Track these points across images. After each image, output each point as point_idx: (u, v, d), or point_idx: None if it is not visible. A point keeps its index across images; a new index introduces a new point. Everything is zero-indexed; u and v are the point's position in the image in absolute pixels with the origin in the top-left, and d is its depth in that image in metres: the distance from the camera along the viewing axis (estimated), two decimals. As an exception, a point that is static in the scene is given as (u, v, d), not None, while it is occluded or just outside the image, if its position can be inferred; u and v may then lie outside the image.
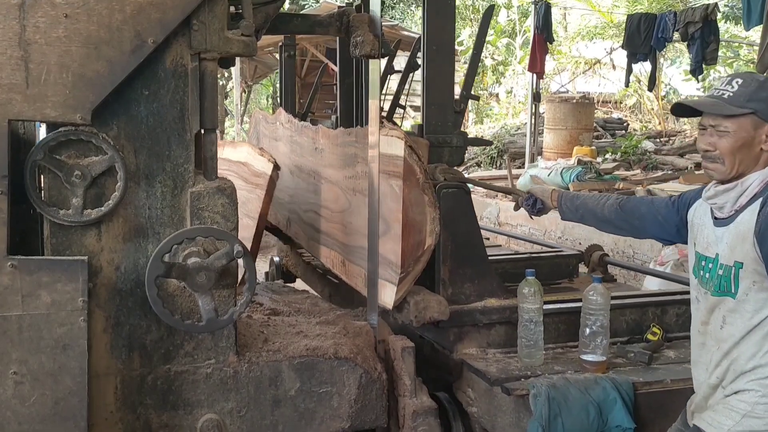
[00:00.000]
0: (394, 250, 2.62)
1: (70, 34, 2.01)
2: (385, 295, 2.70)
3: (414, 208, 2.57)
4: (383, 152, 2.68)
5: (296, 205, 4.05)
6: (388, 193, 2.67)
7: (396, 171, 2.60)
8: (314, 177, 3.70)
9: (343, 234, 3.23)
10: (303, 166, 3.92)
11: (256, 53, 2.41)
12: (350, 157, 3.13)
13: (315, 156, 3.71)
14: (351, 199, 3.11)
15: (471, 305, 2.75)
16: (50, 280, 2.02)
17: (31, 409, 2.01)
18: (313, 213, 3.73)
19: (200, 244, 2.19)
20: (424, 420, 2.46)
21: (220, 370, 2.30)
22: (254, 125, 5.41)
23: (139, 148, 2.16)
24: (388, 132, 2.69)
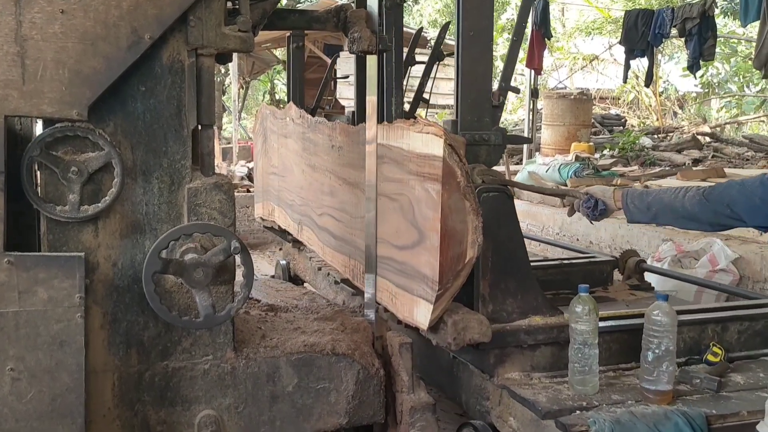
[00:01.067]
0: (429, 264, 2.35)
1: (67, 30, 2.01)
2: (419, 313, 2.46)
3: (454, 215, 2.30)
4: (416, 151, 2.43)
5: (309, 207, 3.80)
6: (422, 199, 2.39)
7: (433, 173, 2.32)
8: (331, 177, 3.43)
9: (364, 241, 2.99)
10: (317, 165, 3.65)
11: (253, 49, 2.41)
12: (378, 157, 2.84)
13: (332, 155, 3.43)
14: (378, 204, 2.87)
15: (514, 324, 2.54)
16: (47, 277, 2.01)
17: (28, 405, 2.01)
18: (329, 217, 3.47)
19: (197, 241, 2.19)
20: (421, 416, 2.46)
21: (218, 366, 2.30)
22: (260, 121, 5.07)
23: (136, 144, 2.16)
24: (422, 128, 2.40)
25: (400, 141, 2.56)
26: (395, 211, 2.62)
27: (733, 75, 17.23)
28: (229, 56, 2.67)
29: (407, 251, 2.54)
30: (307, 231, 3.89)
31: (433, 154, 2.32)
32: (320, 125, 3.65)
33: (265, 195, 4.89)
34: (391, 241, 2.66)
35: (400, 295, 2.63)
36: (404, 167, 2.53)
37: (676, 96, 18.75)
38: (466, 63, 2.67)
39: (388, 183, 2.67)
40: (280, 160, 4.44)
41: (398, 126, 2.60)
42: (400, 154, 2.57)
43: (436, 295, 2.34)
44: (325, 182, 3.52)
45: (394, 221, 2.62)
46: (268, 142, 4.76)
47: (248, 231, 8.90)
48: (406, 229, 2.52)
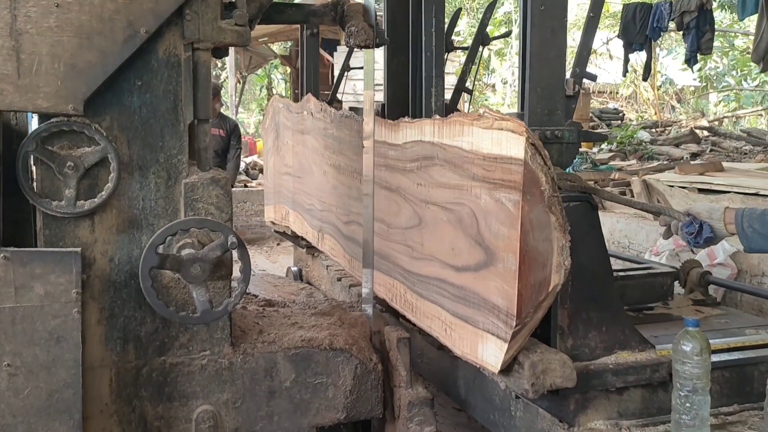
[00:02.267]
0: (503, 292, 1.98)
1: (62, 24, 2.00)
2: (486, 352, 2.09)
3: (536, 233, 1.92)
4: (482, 152, 2.06)
5: (333, 214, 3.47)
6: (492, 211, 2.02)
7: (509, 180, 1.94)
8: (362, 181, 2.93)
9: (408, 258, 2.60)
10: (343, 166, 3.30)
11: (250, 43, 2.39)
12: (421, 158, 2.48)
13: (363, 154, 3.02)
14: (422, 214, 2.47)
15: (598, 362, 2.19)
16: (43, 272, 2.01)
17: (25, 401, 2.01)
18: (359, 226, 3.01)
19: (194, 236, 2.18)
20: (419, 410, 2.46)
21: (216, 361, 2.30)
22: (271, 115, 4.68)
23: (132, 139, 2.15)
24: (492, 123, 2.01)
25: (459, 139, 2.19)
26: (450, 224, 2.25)
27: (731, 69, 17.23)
28: (225, 50, 2.65)
29: (468, 274, 2.16)
30: (329, 240, 3.56)
31: (510, 155, 1.94)
32: (348, 120, 3.23)
33: (277, 197, 4.58)
34: (445, 260, 2.28)
35: (459, 327, 2.26)
36: (464, 171, 2.17)
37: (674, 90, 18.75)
38: (536, 44, 2.27)
39: (440, 190, 2.31)
40: (296, 158, 4.13)
41: (456, 121, 2.21)
42: (458, 155, 2.20)
43: (513, 331, 1.95)
44: (353, 186, 3.14)
45: (449, 236, 2.25)
46: (280, 139, 4.43)
47: (246, 226, 8.90)
48: (467, 247, 2.15)
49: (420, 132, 2.49)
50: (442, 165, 2.31)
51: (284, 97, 22.16)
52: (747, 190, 6.04)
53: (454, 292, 2.25)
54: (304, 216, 3.99)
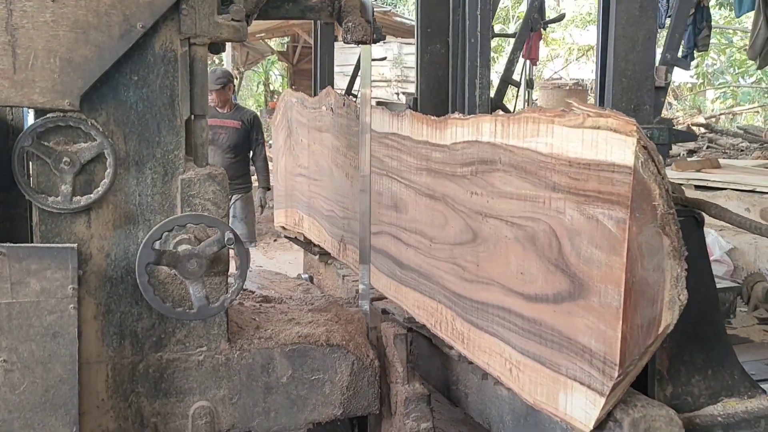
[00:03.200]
0: (600, 333, 1.64)
1: (58, 19, 1.99)
2: (572, 404, 1.76)
3: (646, 260, 1.58)
4: (568, 156, 1.71)
5: (356, 220, 3.01)
6: (583, 231, 1.68)
7: (611, 193, 1.59)
8: (397, 186, 2.69)
9: (458, 280, 2.26)
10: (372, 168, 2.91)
11: (247, 39, 2.39)
12: (477, 162, 2.12)
13: (397, 155, 2.69)
14: (477, 228, 2.12)
15: (703, 413, 1.85)
16: (39, 268, 2.00)
17: (21, 397, 2.01)
18: (391, 238, 2.76)
19: (191, 232, 2.18)
20: (416, 407, 2.47)
21: (212, 357, 2.30)
22: (283, 111, 4.24)
23: (129, 135, 2.14)
24: (584, 120, 1.65)
25: (532, 140, 1.85)
26: (518, 243, 1.93)
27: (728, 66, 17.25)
28: (222, 46, 2.65)
29: (545, 306, 1.83)
30: (353, 251, 3.15)
31: (611, 161, 1.58)
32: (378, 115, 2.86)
33: (289, 200, 4.22)
34: (510, 286, 1.97)
35: (529, 369, 1.93)
36: (539, 179, 1.82)
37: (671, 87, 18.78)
38: (620, 23, 1.97)
39: (504, 201, 1.98)
40: (312, 159, 3.75)
41: (528, 117, 1.86)
42: (530, 158, 1.86)
43: (613, 383, 1.62)
44: (384, 191, 2.81)
45: (516, 257, 1.94)
46: (293, 137, 4.05)
47: (243, 222, 8.88)
48: (543, 273, 1.83)
49: (476, 131, 2.11)
50: (506, 171, 1.96)
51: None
52: (744, 187, 6.05)
53: (524, 326, 1.92)
54: (321, 223, 3.63)
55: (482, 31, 2.65)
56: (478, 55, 2.64)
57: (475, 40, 2.64)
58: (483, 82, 2.68)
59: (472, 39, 2.65)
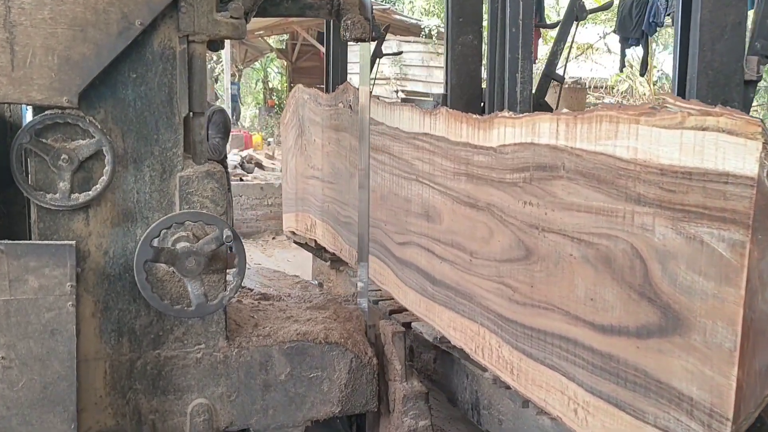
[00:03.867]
0: (705, 379, 1.40)
1: (56, 16, 1.99)
2: None
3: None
4: (660, 162, 1.47)
5: (381, 231, 2.91)
6: (681, 253, 1.44)
7: (724, 209, 1.34)
8: (429, 192, 2.47)
9: (505, 301, 2.03)
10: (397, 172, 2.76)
11: (246, 36, 2.39)
12: (533, 167, 1.88)
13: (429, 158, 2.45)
14: (532, 244, 1.90)
15: None
16: (38, 265, 2.00)
17: (19, 393, 2.01)
18: (421, 250, 2.56)
19: (189, 229, 2.18)
20: (414, 404, 2.47)
21: (210, 355, 2.30)
22: (293, 109, 3.95)
23: (127, 132, 2.14)
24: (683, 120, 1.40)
25: (609, 143, 1.60)
26: (587, 264, 1.69)
27: (727, 64, 17.24)
28: (221, 43, 2.65)
29: (624, 340, 1.58)
30: (376, 263, 2.96)
31: (725, 170, 1.32)
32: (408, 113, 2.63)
33: (300, 204, 4.00)
34: (576, 313, 1.74)
35: (602, 412, 1.69)
36: (617, 189, 1.58)
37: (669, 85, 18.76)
38: (706, 10, 1.76)
39: (569, 213, 1.74)
40: (327, 161, 3.52)
41: (604, 116, 1.60)
42: (604, 165, 1.61)
43: None
44: (414, 198, 2.59)
45: (585, 280, 1.70)
46: (305, 136, 3.79)
47: (241, 220, 8.89)
48: (623, 301, 1.58)
49: (531, 131, 1.88)
50: (572, 179, 1.72)
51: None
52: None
53: (595, 361, 1.68)
54: (338, 230, 3.38)
55: (524, 19, 2.44)
56: (519, 47, 2.42)
57: (516, 29, 2.42)
58: (525, 77, 2.51)
59: (513, 28, 2.44)
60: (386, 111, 2.82)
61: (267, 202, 9.10)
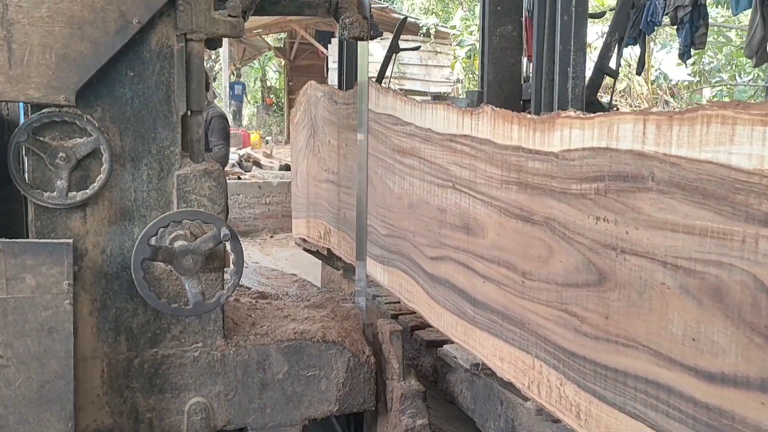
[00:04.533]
0: None
1: (54, 14, 1.98)
2: None
3: None
4: None
5: (408, 243, 2.66)
6: None
7: None
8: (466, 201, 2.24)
9: (570, 332, 1.78)
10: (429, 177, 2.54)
11: (244, 34, 2.38)
12: (608, 177, 1.63)
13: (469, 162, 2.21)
14: (607, 268, 1.65)
15: None
16: (35, 263, 2.00)
17: (16, 392, 2.00)
18: (459, 266, 2.32)
19: (187, 228, 2.18)
20: (412, 403, 2.47)
21: (208, 353, 2.30)
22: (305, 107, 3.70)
23: (125, 130, 2.14)
24: None
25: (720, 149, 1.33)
26: (686, 296, 1.43)
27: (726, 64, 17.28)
28: (219, 42, 2.64)
29: (745, 394, 1.33)
30: (401, 277, 2.74)
31: None
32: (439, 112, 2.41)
33: (313, 210, 3.77)
34: (668, 353, 1.49)
35: None
36: (732, 206, 1.32)
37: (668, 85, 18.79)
38: None
39: (655, 232, 1.50)
40: (344, 163, 3.31)
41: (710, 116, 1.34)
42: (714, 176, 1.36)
43: None
44: (449, 207, 2.38)
45: (682, 315, 1.45)
46: (319, 137, 3.56)
47: (239, 218, 8.88)
48: (742, 345, 1.33)
49: (607, 134, 1.63)
50: (664, 191, 1.47)
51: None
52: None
53: (697, 415, 1.43)
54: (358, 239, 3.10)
55: (578, 7, 2.23)
56: (572, 37, 2.23)
57: (568, 18, 2.21)
58: (577, 71, 2.30)
59: (564, 17, 2.23)
60: (416, 110, 2.56)
61: (265, 200, 9.10)
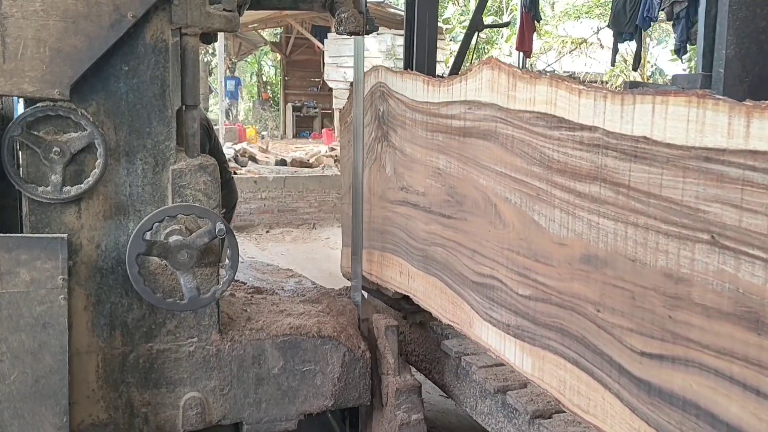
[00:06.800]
0: None
1: (48, 8, 1.98)
2: None
3: None
4: None
5: (578, 313, 1.78)
6: None
7: None
8: (746, 269, 1.32)
9: None
10: (613, 212, 1.67)
11: (239, 29, 2.38)
12: None
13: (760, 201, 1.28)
14: None
15: None
16: (29, 258, 1.99)
17: (11, 387, 2.00)
18: (712, 379, 1.41)
19: (182, 222, 2.18)
20: (407, 398, 2.47)
21: (203, 348, 2.30)
22: (370, 101, 2.82)
23: (119, 125, 2.13)
24: None
25: None
26: None
27: (720, 59, 17.31)
28: (214, 36, 2.65)
29: None
30: (567, 371, 1.85)
31: None
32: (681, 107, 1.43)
33: (381, 240, 2.84)
34: None
35: None
36: None
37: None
38: None
39: None
40: (441, 182, 2.38)
41: None
42: None
43: None
44: (699, 276, 1.45)
45: None
46: (391, 142, 2.67)
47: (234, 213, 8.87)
48: None
49: None
50: None
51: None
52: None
53: None
54: (465, 295, 2.27)
55: None
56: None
57: None
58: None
59: None
60: (609, 105, 1.66)
61: (260, 195, 9.09)
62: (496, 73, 2.07)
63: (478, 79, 2.17)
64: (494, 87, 2.09)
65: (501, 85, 2.05)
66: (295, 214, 9.27)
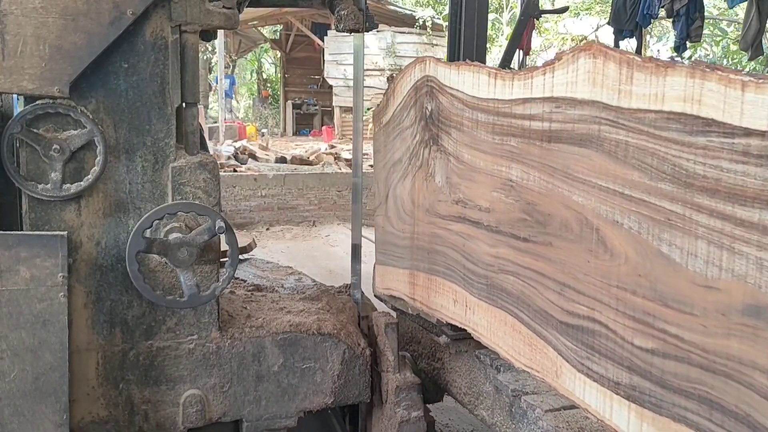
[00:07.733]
0: None
1: (47, 5, 1.97)
2: None
3: None
4: None
5: (735, 380, 1.30)
6: None
7: None
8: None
9: None
10: None
11: (239, 26, 2.38)
12: None
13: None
14: None
15: None
16: (29, 256, 1.99)
17: (11, 384, 2.00)
18: None
19: (182, 220, 2.18)
20: (407, 395, 2.48)
21: (203, 345, 2.30)
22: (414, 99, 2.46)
23: (119, 122, 2.13)
24: None
25: None
26: None
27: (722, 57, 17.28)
28: (214, 33, 2.64)
29: None
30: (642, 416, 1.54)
31: None
32: None
33: (424, 259, 2.48)
34: None
35: None
36: None
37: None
38: None
39: None
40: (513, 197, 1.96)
41: None
42: None
43: None
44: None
45: None
46: (443, 147, 2.29)
47: (234, 211, 8.88)
48: None
49: None
50: None
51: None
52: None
53: None
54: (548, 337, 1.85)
55: None
56: None
57: None
58: None
59: None
60: None
61: (260, 193, 9.10)
62: (600, 61, 1.61)
63: (572, 70, 1.71)
64: (597, 80, 1.62)
65: (608, 77, 1.59)
66: (295, 211, 9.28)
